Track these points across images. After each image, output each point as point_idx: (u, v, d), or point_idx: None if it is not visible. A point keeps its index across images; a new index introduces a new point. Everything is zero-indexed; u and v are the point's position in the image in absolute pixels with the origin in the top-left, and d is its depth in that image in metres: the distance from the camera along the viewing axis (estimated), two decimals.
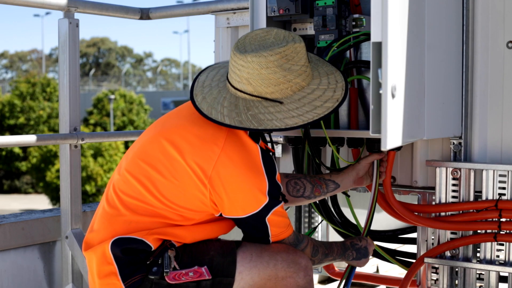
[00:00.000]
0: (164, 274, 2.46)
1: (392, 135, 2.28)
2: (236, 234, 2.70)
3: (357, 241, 2.88)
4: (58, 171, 25.20)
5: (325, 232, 3.98)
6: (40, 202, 30.11)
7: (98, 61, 72.36)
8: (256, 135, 2.57)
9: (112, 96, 33.11)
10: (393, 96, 2.25)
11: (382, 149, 2.26)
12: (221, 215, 2.54)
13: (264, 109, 2.47)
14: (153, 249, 2.49)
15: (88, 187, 26.20)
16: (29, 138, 3.25)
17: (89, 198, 25.90)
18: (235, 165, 2.45)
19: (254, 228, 2.56)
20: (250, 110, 2.47)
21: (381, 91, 2.24)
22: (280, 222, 2.56)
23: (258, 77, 2.45)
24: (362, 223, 3.17)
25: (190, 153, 2.46)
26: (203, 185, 2.45)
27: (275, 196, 2.53)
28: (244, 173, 2.46)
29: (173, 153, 2.48)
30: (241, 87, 2.49)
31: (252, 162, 2.49)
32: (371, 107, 2.35)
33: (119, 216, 2.52)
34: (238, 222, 2.56)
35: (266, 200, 2.49)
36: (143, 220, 2.50)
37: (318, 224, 3.54)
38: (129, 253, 2.49)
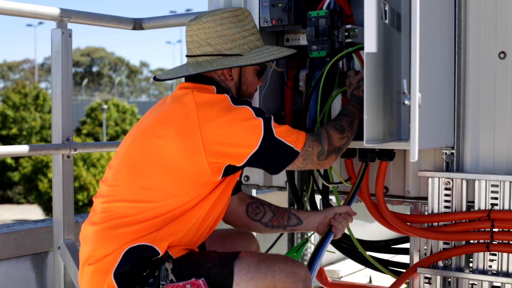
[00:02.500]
0: (161, 287, 2.45)
1: (419, 145, 2.28)
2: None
3: (355, 90, 2.83)
4: (50, 181, 25.14)
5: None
6: (32, 212, 29.99)
7: (91, 70, 72.28)
8: (222, 92, 2.62)
9: (105, 106, 33.07)
10: (419, 106, 2.26)
11: (411, 160, 2.25)
12: (223, 176, 2.54)
13: (226, 61, 2.59)
14: (161, 254, 2.49)
15: (80, 197, 26.11)
16: (22, 148, 3.24)
17: (81, 209, 25.81)
18: (217, 116, 2.48)
19: (274, 153, 2.53)
20: (213, 63, 2.58)
21: (406, 102, 2.24)
22: (287, 130, 2.57)
23: (215, 34, 2.61)
24: (356, 234, 3.18)
25: (173, 135, 2.49)
26: (199, 155, 2.46)
27: (264, 114, 2.54)
28: (228, 116, 2.49)
29: (158, 142, 2.52)
30: (202, 51, 2.63)
31: (227, 105, 2.52)
32: (365, 117, 2.36)
33: (117, 226, 2.53)
34: (258, 159, 2.52)
35: (260, 120, 2.50)
36: (145, 223, 2.51)
37: (311, 234, 3.53)
38: (133, 265, 2.48)
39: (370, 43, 2.29)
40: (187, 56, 2.72)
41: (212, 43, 2.62)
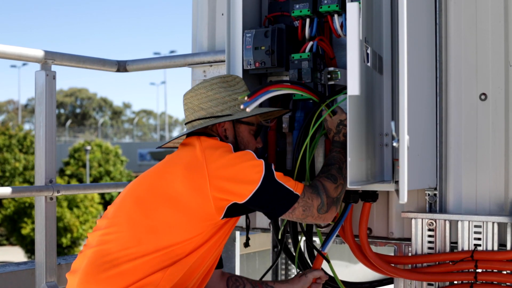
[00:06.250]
0: None
1: (408, 187, 2.28)
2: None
3: (336, 136, 2.84)
4: (33, 222, 24.89)
5: None
6: (14, 254, 29.70)
7: (75, 111, 72.23)
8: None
9: (89, 147, 32.98)
10: (408, 148, 2.27)
11: (401, 202, 2.26)
12: (225, 217, 2.57)
13: (217, 120, 2.70)
14: None
15: (64, 239, 25.88)
16: (4, 190, 3.23)
17: (64, 251, 25.57)
18: (221, 156, 2.58)
19: (274, 194, 2.58)
20: (205, 124, 2.71)
21: (395, 144, 2.26)
22: (286, 176, 2.63)
23: (206, 99, 2.74)
24: (340, 275, 3.17)
25: (181, 171, 2.57)
26: (204, 189, 2.52)
27: (264, 160, 2.61)
28: (232, 156, 2.58)
29: (167, 178, 2.59)
30: (196, 116, 2.74)
31: (230, 149, 2.64)
32: (349, 159, 2.37)
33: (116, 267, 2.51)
34: (259, 199, 2.56)
35: (261, 161, 2.58)
36: (146, 257, 2.51)
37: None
38: None
39: (353, 85, 2.31)
40: (185, 124, 2.82)
41: (204, 107, 2.74)
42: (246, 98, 2.59)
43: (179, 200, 2.53)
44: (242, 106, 2.56)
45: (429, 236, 2.96)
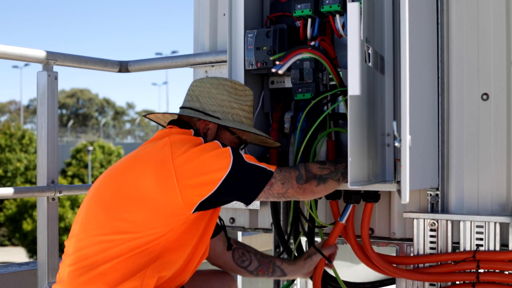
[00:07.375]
0: None
1: (410, 187, 2.28)
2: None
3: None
4: (35, 222, 24.90)
5: (304, 285, 3.96)
6: (16, 254, 29.72)
7: (77, 112, 72.26)
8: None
9: (91, 148, 32.99)
10: (410, 147, 2.27)
11: (403, 202, 2.26)
12: (196, 211, 2.52)
13: (203, 117, 2.66)
14: None
15: (66, 238, 25.90)
16: (6, 191, 3.23)
17: None
18: (187, 149, 2.52)
19: (247, 175, 2.55)
20: (193, 115, 2.67)
21: (397, 144, 2.26)
22: (256, 159, 2.61)
23: (207, 95, 2.72)
24: (342, 275, 3.17)
25: (148, 168, 2.52)
26: (172, 186, 2.47)
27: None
28: (197, 148, 2.53)
29: (132, 176, 2.54)
30: (190, 105, 2.73)
31: (199, 142, 2.60)
32: (349, 159, 2.37)
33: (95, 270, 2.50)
34: (231, 183, 2.51)
35: (228, 148, 2.55)
36: (122, 257, 2.49)
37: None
38: None
39: (354, 85, 2.31)
40: (179, 107, 2.79)
41: (201, 101, 2.71)
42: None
43: (146, 199, 2.49)
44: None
45: (431, 236, 2.96)
